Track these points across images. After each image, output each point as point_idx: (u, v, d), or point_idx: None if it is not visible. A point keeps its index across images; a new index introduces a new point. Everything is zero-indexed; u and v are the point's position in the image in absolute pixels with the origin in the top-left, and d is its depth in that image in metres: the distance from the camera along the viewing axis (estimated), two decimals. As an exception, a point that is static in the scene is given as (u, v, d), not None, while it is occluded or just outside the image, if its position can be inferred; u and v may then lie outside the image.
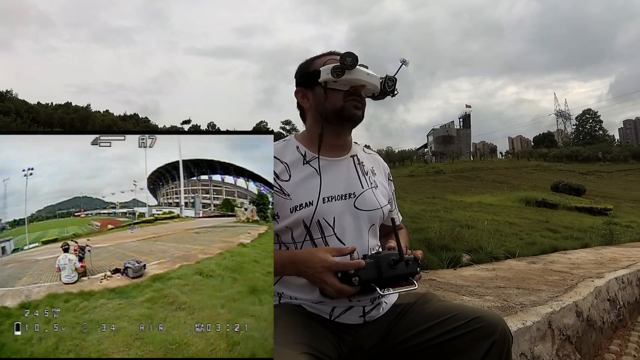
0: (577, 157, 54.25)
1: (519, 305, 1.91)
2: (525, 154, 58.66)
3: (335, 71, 0.98)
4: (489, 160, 50.59)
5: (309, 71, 1.05)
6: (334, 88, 1.00)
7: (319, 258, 0.91)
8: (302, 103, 1.08)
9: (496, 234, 5.36)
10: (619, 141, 77.62)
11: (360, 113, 1.04)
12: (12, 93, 45.09)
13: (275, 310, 0.89)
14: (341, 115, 1.02)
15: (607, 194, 27.04)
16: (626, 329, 2.83)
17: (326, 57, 1.05)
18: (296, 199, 0.99)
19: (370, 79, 1.00)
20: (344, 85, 1.00)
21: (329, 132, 1.03)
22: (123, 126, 47.72)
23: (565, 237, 6.46)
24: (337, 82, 0.99)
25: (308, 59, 1.09)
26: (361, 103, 1.03)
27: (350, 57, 0.97)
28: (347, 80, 0.99)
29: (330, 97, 1.01)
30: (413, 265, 0.94)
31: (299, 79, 1.08)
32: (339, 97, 1.01)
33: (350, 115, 1.02)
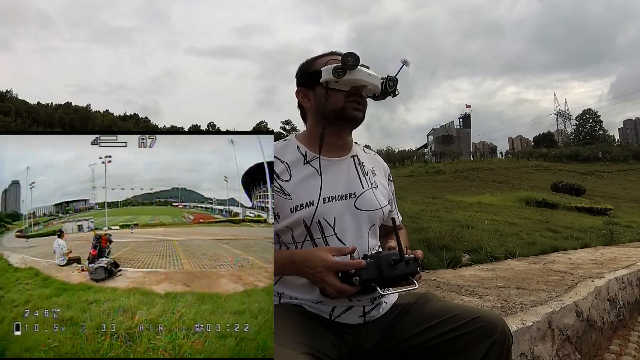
0: (577, 157, 54.26)
1: (519, 305, 1.91)
2: (525, 154, 58.68)
3: (337, 71, 0.98)
4: (489, 160, 50.61)
5: (310, 71, 1.04)
6: (335, 88, 1.00)
7: (319, 257, 0.91)
8: (303, 103, 1.08)
9: (496, 234, 5.36)
10: (619, 141, 77.64)
11: (361, 114, 1.03)
12: (12, 93, 45.14)
13: (275, 310, 0.89)
14: (342, 116, 1.02)
15: (607, 194, 27.04)
16: (626, 329, 2.83)
17: (327, 57, 1.05)
18: (296, 199, 0.99)
19: (371, 79, 1.00)
20: (345, 86, 1.00)
21: (330, 132, 1.03)
22: (123, 126, 47.74)
23: (565, 237, 6.46)
24: (338, 82, 0.99)
25: (309, 59, 1.09)
26: (362, 104, 1.03)
27: (352, 58, 0.97)
28: (349, 81, 0.99)
29: (331, 98, 1.01)
30: (413, 265, 0.94)
31: (300, 79, 1.08)
32: (339, 97, 1.01)
33: (351, 116, 1.02)
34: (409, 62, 1.03)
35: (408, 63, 1.02)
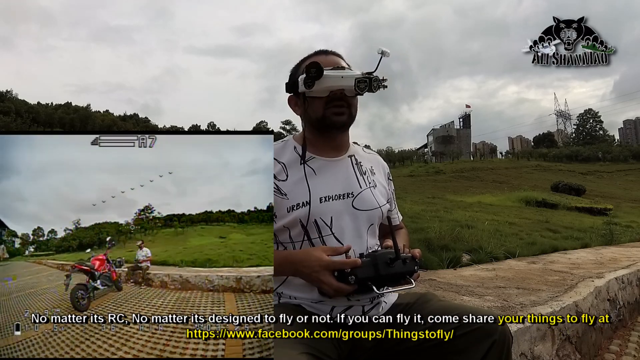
0: (577, 157, 54.21)
1: (519, 305, 1.91)
2: (525, 154, 58.63)
3: (306, 83, 0.98)
4: (489, 160, 50.56)
5: (293, 80, 1.05)
6: (314, 96, 1.01)
7: (315, 257, 0.91)
8: (294, 110, 1.09)
9: (496, 234, 5.36)
10: (619, 141, 77.59)
11: (344, 117, 1.03)
12: (12, 93, 45.13)
13: (275, 310, 0.89)
14: (324, 123, 1.02)
15: (607, 194, 27.02)
16: (626, 329, 2.83)
17: (307, 61, 1.04)
18: (293, 198, 1.00)
19: (344, 81, 0.98)
20: (322, 92, 1.00)
21: (322, 136, 1.05)
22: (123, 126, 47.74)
23: (565, 237, 6.46)
24: (312, 91, 0.99)
25: (297, 63, 1.09)
26: (344, 107, 1.02)
27: (314, 68, 0.97)
28: (322, 88, 0.99)
29: (310, 106, 1.02)
30: (410, 263, 0.93)
31: (287, 87, 1.08)
32: (319, 105, 1.01)
33: (332, 123, 1.02)
34: (387, 52, 1.00)
35: (387, 54, 1.01)
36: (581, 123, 76.54)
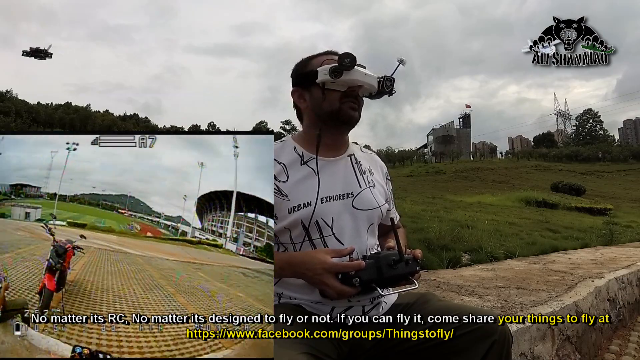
0: (577, 157, 54.25)
1: (518, 305, 1.91)
2: (525, 154, 58.68)
3: (334, 72, 0.97)
4: (489, 160, 50.62)
5: (306, 71, 1.04)
6: (332, 89, 1.00)
7: (318, 260, 0.91)
8: (299, 103, 1.08)
9: (496, 234, 5.36)
10: (619, 141, 77.57)
11: (357, 114, 1.03)
12: (12, 93, 45.14)
13: (275, 310, 0.89)
14: (338, 117, 1.02)
15: (607, 194, 27.04)
16: (626, 329, 2.83)
17: (323, 57, 1.04)
18: (294, 199, 0.99)
19: (368, 79, 1.00)
20: (341, 86, 1.00)
21: (326, 133, 1.03)
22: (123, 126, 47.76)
23: (565, 237, 6.46)
24: (335, 82, 0.99)
25: (304, 59, 1.08)
26: (358, 104, 1.03)
27: (349, 58, 0.97)
28: (345, 81, 0.99)
29: (327, 98, 1.01)
30: (413, 264, 0.94)
31: (296, 79, 1.08)
32: (335, 98, 1.01)
33: (347, 118, 1.02)
34: (405, 61, 1.03)
35: (404, 62, 1.02)
36: (580, 123, 76.55)
